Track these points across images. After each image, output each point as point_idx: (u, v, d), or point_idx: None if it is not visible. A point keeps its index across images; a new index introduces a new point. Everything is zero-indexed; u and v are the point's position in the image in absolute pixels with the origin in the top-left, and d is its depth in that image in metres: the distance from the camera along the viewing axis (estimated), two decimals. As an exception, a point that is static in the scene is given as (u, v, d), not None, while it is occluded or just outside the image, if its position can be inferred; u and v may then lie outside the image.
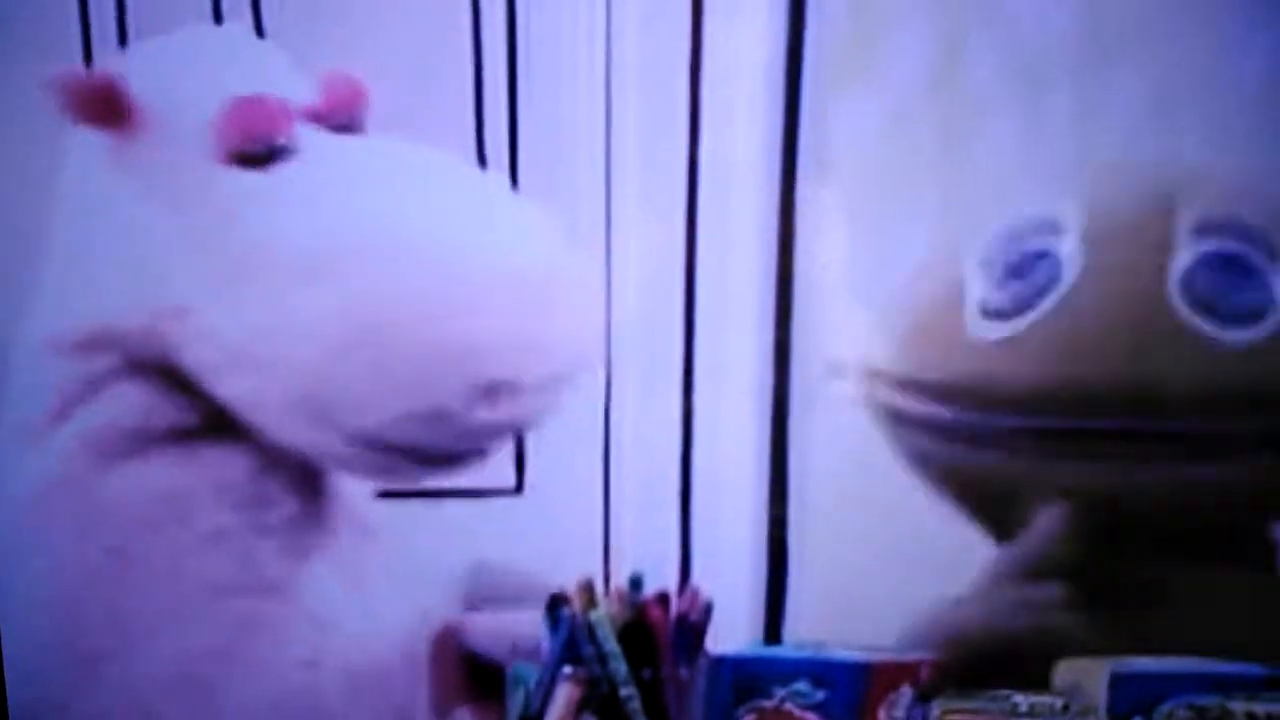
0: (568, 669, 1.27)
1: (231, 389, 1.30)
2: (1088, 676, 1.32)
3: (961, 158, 1.76)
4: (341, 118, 1.33)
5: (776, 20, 1.83)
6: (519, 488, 1.80)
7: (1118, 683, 1.31)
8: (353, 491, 1.42)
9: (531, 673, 1.30)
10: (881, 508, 1.75)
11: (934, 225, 1.75)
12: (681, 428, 1.84)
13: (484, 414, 1.25)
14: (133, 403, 1.32)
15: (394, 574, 1.44)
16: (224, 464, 1.32)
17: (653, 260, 1.84)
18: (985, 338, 1.52)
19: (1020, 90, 1.75)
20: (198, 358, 1.29)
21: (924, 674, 1.32)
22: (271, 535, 1.34)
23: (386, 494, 1.59)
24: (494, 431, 1.27)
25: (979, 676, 1.37)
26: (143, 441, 1.31)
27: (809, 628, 1.76)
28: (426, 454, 1.29)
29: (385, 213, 1.27)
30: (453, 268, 1.25)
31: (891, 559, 1.58)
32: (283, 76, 1.35)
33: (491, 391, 1.25)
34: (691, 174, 1.83)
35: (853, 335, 1.75)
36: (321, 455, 1.28)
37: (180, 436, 1.32)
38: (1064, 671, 1.35)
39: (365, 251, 1.25)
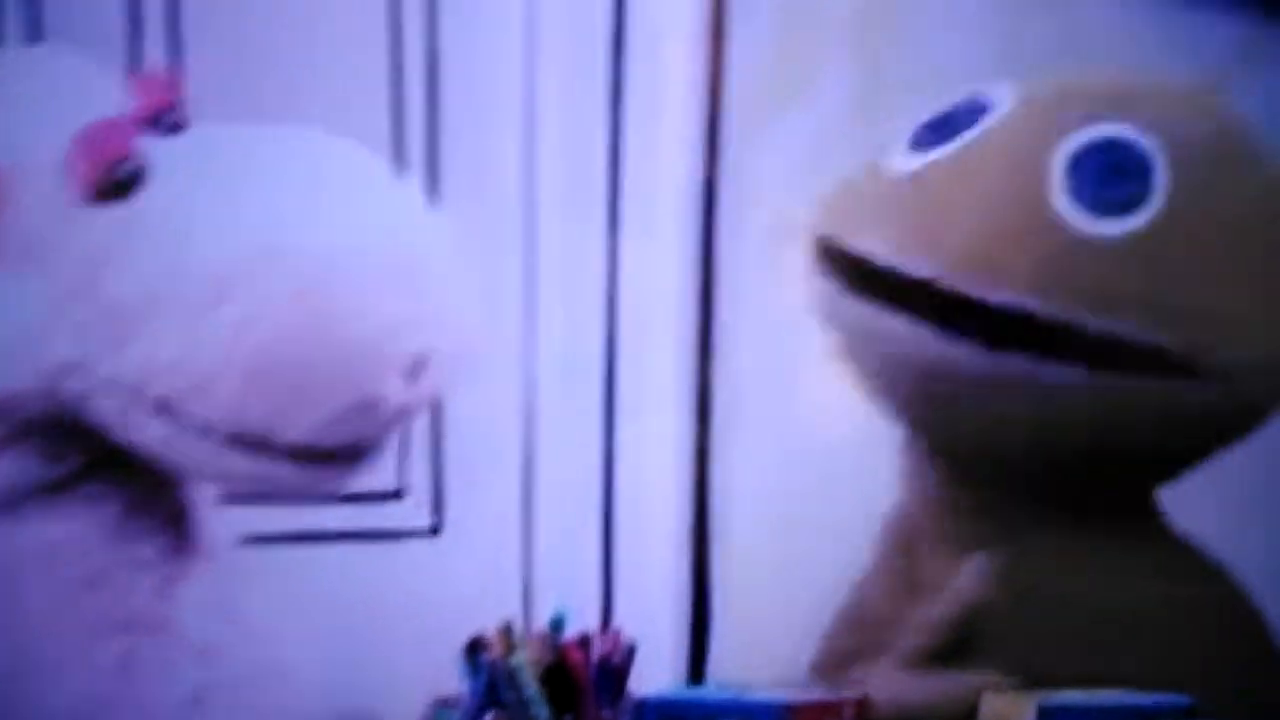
0: (489, 715, 1.26)
1: (149, 434, 1.27)
2: (1014, 710, 1.32)
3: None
4: (169, 118, 1.29)
5: (699, 50, 1.82)
6: (436, 529, 1.78)
7: (1044, 717, 1.30)
8: (245, 532, 1.40)
9: (452, 718, 1.28)
10: (805, 547, 1.75)
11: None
12: (602, 467, 1.83)
13: (409, 392, 1.24)
14: (26, 464, 1.29)
15: (303, 614, 1.42)
16: (98, 505, 1.30)
17: (574, 301, 1.83)
18: (902, 169, 1.50)
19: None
20: (101, 409, 1.25)
21: (848, 713, 1.31)
22: (149, 572, 1.31)
23: (303, 537, 1.57)
24: (417, 408, 1.26)
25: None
26: (25, 496, 1.29)
27: (733, 668, 1.75)
28: (357, 449, 1.27)
29: (262, 215, 1.24)
30: (344, 253, 1.23)
31: (815, 599, 1.57)
32: (108, 93, 1.31)
33: (414, 367, 1.23)
34: (612, 211, 1.82)
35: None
36: (259, 479, 1.26)
37: (59, 486, 1.29)
38: (990, 706, 1.34)
39: (254, 259, 1.22)
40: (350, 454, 1.26)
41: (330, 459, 1.25)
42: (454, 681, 1.31)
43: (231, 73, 1.62)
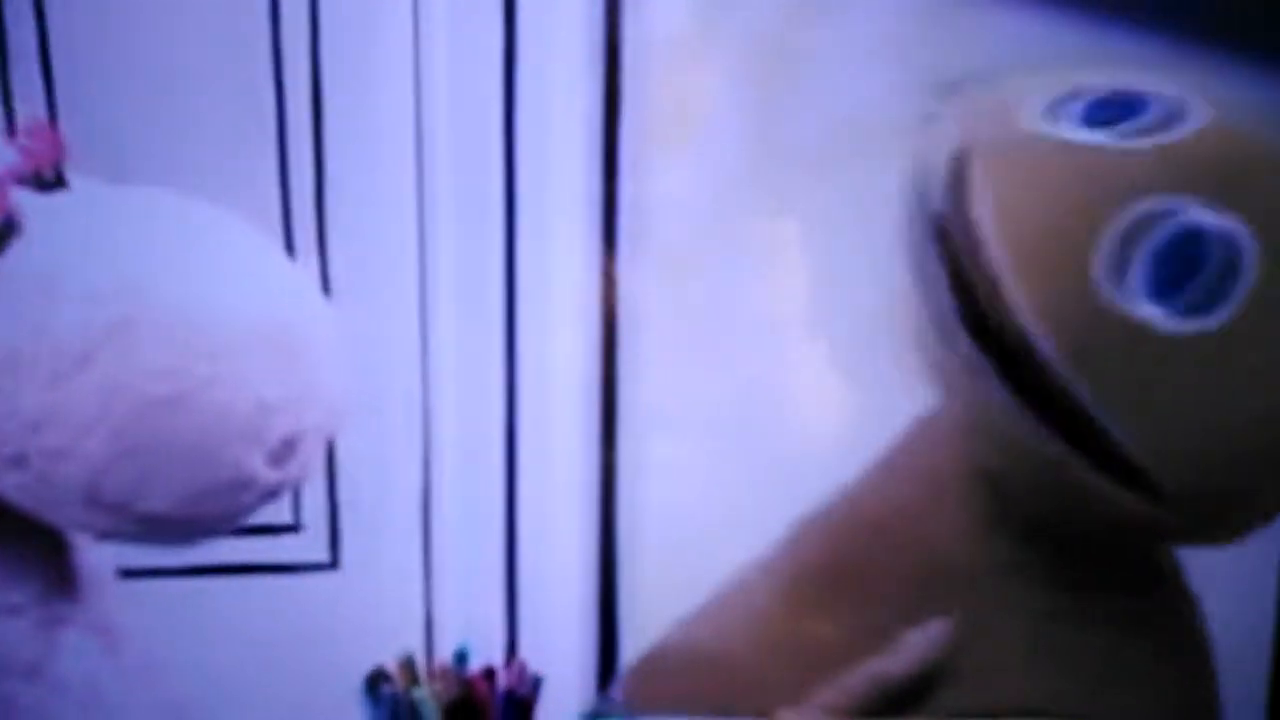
0: (391, 749, 1.23)
1: (6, 482, 1.24)
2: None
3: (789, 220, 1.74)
4: (49, 174, 1.27)
5: (591, 91, 1.81)
6: (335, 563, 1.75)
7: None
8: (141, 565, 1.37)
9: (353, 753, 1.25)
10: (715, 571, 1.73)
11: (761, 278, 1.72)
12: (504, 498, 1.81)
13: (275, 474, 1.21)
14: None
15: (197, 650, 1.39)
16: None
17: (470, 317, 1.81)
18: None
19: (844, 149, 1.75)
20: None
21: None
22: (21, 616, 1.28)
23: (200, 570, 1.54)
24: (282, 490, 1.24)
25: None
26: None
27: (642, 700, 1.74)
28: (216, 523, 1.24)
29: (135, 280, 1.21)
30: (220, 327, 1.20)
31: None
32: None
33: (283, 449, 1.21)
34: (509, 251, 1.81)
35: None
36: (118, 534, 1.23)
37: None
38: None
39: (123, 325, 1.19)
40: (208, 527, 1.23)
41: (188, 529, 1.23)
42: (354, 716, 1.29)
43: (110, 136, 1.60)
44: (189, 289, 1.20)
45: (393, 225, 1.77)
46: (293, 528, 1.74)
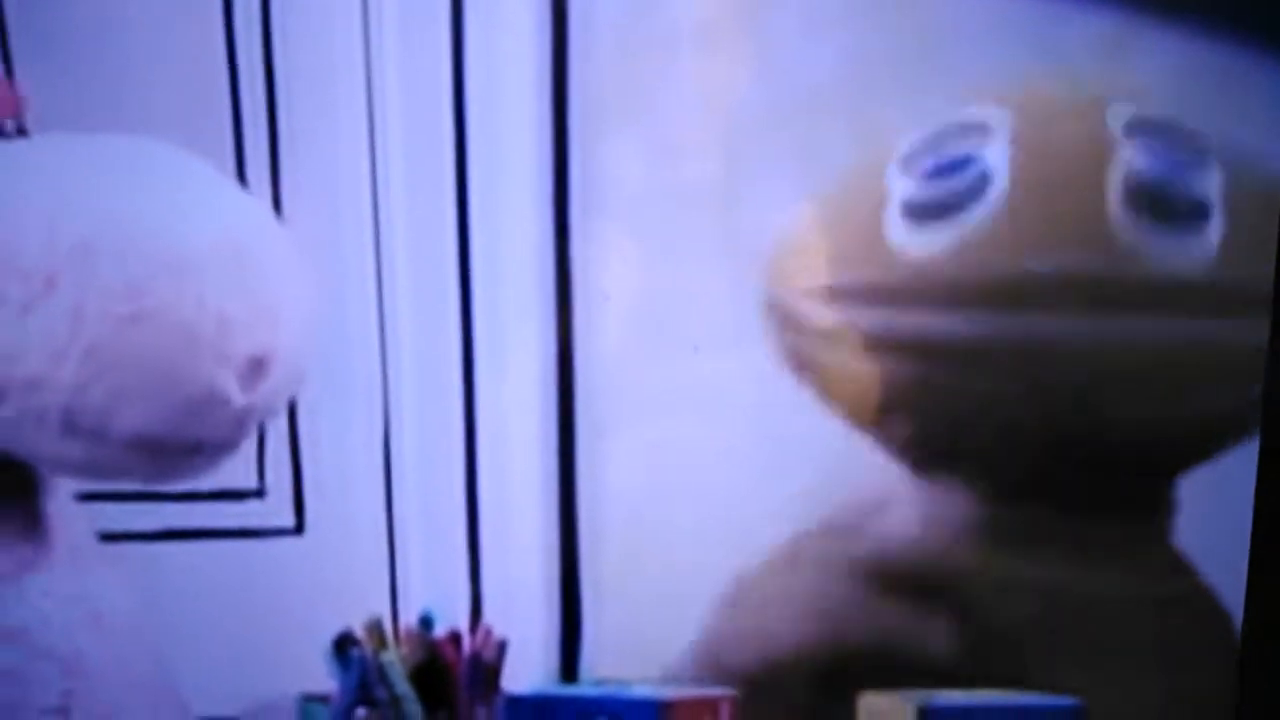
0: (360, 711, 1.23)
1: None
2: (893, 711, 1.31)
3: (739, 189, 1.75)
4: (7, 124, 1.30)
5: (542, 60, 1.81)
6: (299, 528, 1.75)
7: (925, 717, 1.29)
8: (108, 529, 1.38)
9: (322, 714, 1.25)
10: (677, 539, 1.73)
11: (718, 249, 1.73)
12: (466, 463, 1.81)
13: (249, 395, 1.23)
14: None
15: (167, 613, 1.40)
16: None
17: (426, 299, 1.80)
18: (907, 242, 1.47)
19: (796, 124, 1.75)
20: None
21: (724, 710, 1.30)
22: (3, 582, 1.29)
23: (166, 534, 1.54)
24: (260, 412, 1.25)
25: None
26: None
27: (607, 665, 1.74)
28: (200, 447, 1.26)
29: (92, 213, 1.24)
30: (176, 250, 1.23)
31: (689, 592, 1.56)
32: None
33: (252, 368, 1.22)
34: (462, 231, 1.80)
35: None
36: (99, 468, 1.24)
37: None
38: (868, 705, 1.34)
39: (82, 253, 1.22)
40: (194, 450, 1.25)
41: (175, 453, 1.24)
42: (323, 679, 1.29)
43: (68, 88, 1.59)
44: (145, 212, 1.23)
45: (346, 191, 1.76)
46: (257, 493, 1.73)
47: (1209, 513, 1.48)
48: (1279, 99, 1.18)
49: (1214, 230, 1.43)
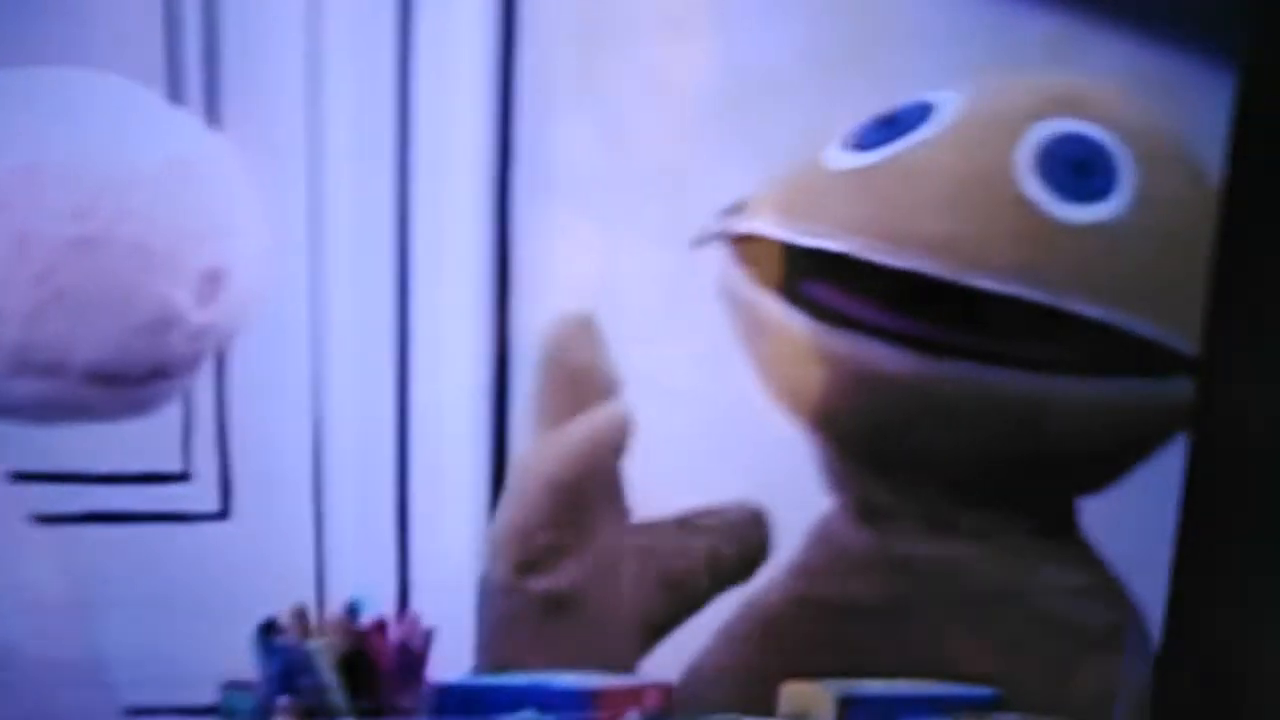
0: (284, 699, 1.23)
1: None
2: (815, 701, 1.31)
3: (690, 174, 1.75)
4: None
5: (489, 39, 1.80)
6: (225, 513, 1.74)
7: (846, 706, 1.29)
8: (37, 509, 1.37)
9: (245, 701, 1.25)
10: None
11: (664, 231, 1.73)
12: (396, 447, 1.80)
13: (205, 311, 1.22)
14: None
15: (91, 598, 1.39)
16: None
17: (362, 280, 1.80)
18: (851, 165, 1.47)
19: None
20: None
21: (652, 699, 1.30)
22: None
23: (90, 517, 1.53)
24: (217, 330, 1.24)
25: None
26: None
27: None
28: (159, 371, 1.25)
29: (27, 140, 1.23)
30: (117, 173, 1.22)
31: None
32: None
33: (207, 282, 1.22)
34: (402, 153, 1.79)
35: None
36: (56, 406, 1.23)
37: None
38: (790, 696, 1.34)
39: (20, 179, 1.21)
40: (153, 376, 1.24)
41: (134, 383, 1.24)
42: (246, 666, 1.29)
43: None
44: (87, 135, 1.23)
45: (287, 172, 1.76)
46: (183, 476, 1.73)
47: (1133, 508, 1.49)
48: (1219, 103, 1.19)
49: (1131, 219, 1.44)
